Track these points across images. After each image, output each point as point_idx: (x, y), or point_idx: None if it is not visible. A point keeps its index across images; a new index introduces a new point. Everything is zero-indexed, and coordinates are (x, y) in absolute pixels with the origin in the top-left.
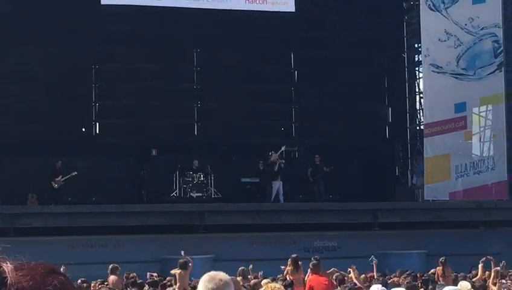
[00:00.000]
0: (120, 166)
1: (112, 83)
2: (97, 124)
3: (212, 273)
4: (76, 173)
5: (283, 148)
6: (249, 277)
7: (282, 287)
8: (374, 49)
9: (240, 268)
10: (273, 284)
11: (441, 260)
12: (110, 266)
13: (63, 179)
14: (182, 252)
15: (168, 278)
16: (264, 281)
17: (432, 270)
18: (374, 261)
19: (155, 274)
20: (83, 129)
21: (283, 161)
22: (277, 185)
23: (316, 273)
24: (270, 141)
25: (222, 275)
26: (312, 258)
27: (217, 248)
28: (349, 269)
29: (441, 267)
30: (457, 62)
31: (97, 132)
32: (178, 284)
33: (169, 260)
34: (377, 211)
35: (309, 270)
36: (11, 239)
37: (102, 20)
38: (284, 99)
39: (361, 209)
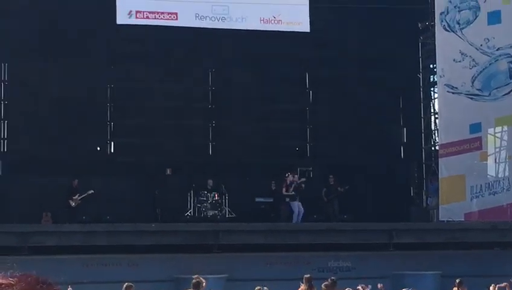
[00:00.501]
0: (134, 185)
1: (126, 102)
2: (112, 143)
3: None
4: (93, 191)
5: (303, 179)
6: None
7: None
8: (388, 70)
9: (256, 288)
10: None
11: (457, 281)
12: (124, 285)
13: (80, 197)
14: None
15: None
16: None
17: None
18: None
19: None
20: (98, 148)
21: (300, 181)
22: (296, 205)
23: None
24: (284, 161)
25: None
26: (329, 279)
27: (231, 267)
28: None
29: (456, 289)
30: (473, 83)
31: (112, 150)
32: None
33: (183, 279)
34: (391, 231)
35: None
36: (25, 257)
37: (118, 39)
38: (299, 119)
39: (376, 230)
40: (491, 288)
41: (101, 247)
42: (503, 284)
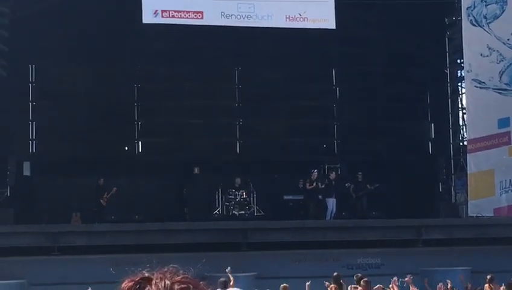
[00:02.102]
0: (163, 184)
1: (154, 101)
2: (140, 142)
3: None
4: (116, 188)
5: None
6: None
7: None
8: (415, 65)
9: (281, 285)
10: None
11: (488, 277)
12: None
13: (108, 195)
14: (228, 269)
15: None
16: None
17: (479, 288)
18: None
19: None
20: (126, 148)
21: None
22: (331, 202)
23: None
24: (312, 158)
25: None
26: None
27: (260, 265)
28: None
29: (488, 285)
30: (500, 77)
31: (140, 150)
32: None
33: (211, 277)
34: (420, 227)
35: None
36: (55, 257)
37: (144, 39)
38: (326, 116)
39: (404, 226)
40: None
41: (130, 246)
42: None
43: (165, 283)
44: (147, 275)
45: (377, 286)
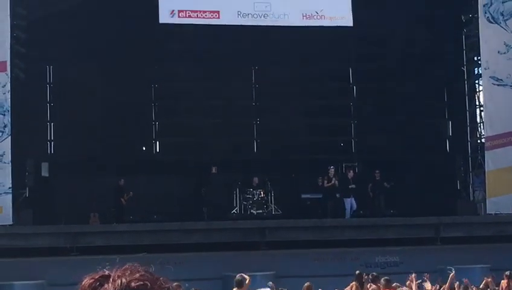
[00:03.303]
0: (181, 184)
1: (171, 101)
2: (157, 142)
3: None
4: (132, 192)
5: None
6: None
7: None
8: (432, 63)
9: (305, 284)
10: None
11: (506, 273)
12: (173, 284)
13: (128, 196)
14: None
15: None
16: None
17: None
18: (452, 273)
19: None
20: (144, 148)
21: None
22: (348, 201)
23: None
24: (329, 156)
25: None
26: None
27: (279, 264)
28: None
29: (506, 281)
30: None
31: (157, 150)
32: None
33: (230, 277)
34: (438, 225)
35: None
36: (74, 258)
37: (161, 38)
38: (343, 115)
39: (423, 224)
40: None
41: (148, 246)
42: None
43: (121, 281)
44: (106, 273)
45: (394, 284)
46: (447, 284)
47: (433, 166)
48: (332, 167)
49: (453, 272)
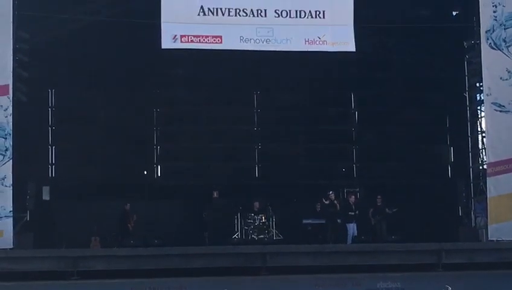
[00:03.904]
0: (182, 208)
1: (172, 126)
2: (159, 167)
3: None
4: (135, 215)
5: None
6: None
7: None
8: (434, 89)
9: None
10: None
11: None
12: None
13: (133, 220)
14: None
15: None
16: None
17: None
18: None
19: None
20: (145, 172)
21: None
22: (351, 227)
23: None
24: (331, 182)
25: None
26: None
27: (279, 289)
28: None
29: None
30: None
31: (159, 174)
32: None
33: None
34: (440, 251)
35: None
36: (75, 282)
37: (163, 63)
38: (345, 140)
39: (424, 250)
40: None
41: (149, 271)
42: None
43: None
44: None
45: None
46: None
47: (434, 192)
48: (331, 192)
49: None
